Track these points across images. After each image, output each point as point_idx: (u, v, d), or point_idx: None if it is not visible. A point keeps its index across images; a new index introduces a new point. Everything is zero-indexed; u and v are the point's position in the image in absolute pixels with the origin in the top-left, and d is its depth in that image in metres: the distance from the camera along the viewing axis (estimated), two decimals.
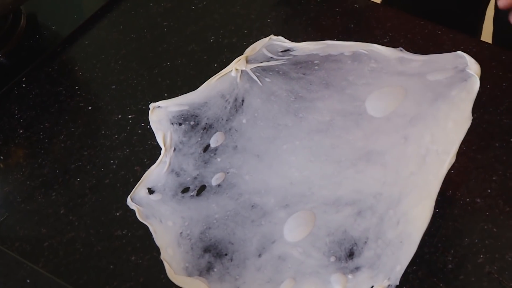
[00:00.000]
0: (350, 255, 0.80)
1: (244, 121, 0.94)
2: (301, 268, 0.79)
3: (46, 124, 0.96)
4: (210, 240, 0.82)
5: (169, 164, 0.90)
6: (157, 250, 0.82)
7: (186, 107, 0.96)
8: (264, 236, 0.82)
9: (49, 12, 1.14)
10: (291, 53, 1.03)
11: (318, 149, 0.90)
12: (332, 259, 0.79)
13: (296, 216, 0.83)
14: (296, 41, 1.04)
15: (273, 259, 0.80)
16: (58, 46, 1.06)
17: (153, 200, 0.86)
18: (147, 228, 0.84)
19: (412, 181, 0.85)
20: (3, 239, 0.84)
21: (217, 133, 0.93)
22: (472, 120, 0.91)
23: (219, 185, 0.87)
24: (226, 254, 0.81)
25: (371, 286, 0.77)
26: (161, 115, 0.95)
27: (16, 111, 0.98)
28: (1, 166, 0.93)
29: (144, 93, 0.99)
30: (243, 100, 0.96)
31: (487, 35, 1.47)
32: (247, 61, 1.01)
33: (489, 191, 0.85)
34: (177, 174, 0.89)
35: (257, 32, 1.05)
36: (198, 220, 0.84)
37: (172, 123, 0.94)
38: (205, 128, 0.94)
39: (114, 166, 0.91)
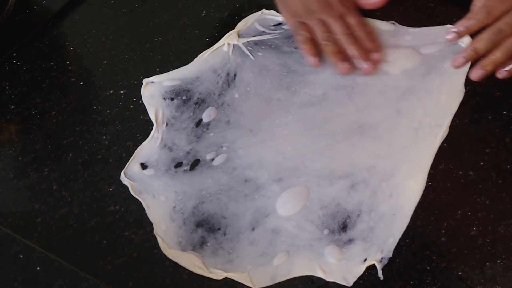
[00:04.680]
0: (344, 227, 0.80)
1: (236, 95, 0.94)
2: (295, 241, 0.79)
3: (38, 100, 0.95)
4: (203, 214, 0.82)
5: (162, 139, 0.89)
6: (150, 225, 0.82)
7: (178, 82, 0.95)
8: (257, 210, 0.82)
9: None
10: (283, 27, 1.02)
11: (311, 123, 0.90)
12: (326, 232, 0.80)
13: (290, 190, 0.84)
14: None
15: (267, 233, 0.80)
16: (48, 21, 1.06)
17: (146, 175, 0.86)
18: (140, 203, 0.84)
19: (405, 154, 0.86)
20: None
21: (210, 108, 0.93)
22: (465, 93, 0.91)
23: (212, 160, 0.87)
24: (219, 229, 0.81)
25: (364, 258, 0.77)
26: (153, 90, 0.95)
27: (7, 87, 0.97)
28: None
29: (136, 68, 0.98)
30: (235, 75, 0.96)
31: None
32: (239, 35, 1.00)
33: (481, 163, 0.85)
34: (170, 149, 0.89)
35: (249, 6, 1.05)
36: (191, 195, 0.84)
37: (164, 98, 0.94)
38: (197, 103, 0.93)
39: (107, 142, 0.90)
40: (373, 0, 0.95)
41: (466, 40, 0.94)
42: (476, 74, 0.85)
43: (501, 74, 0.86)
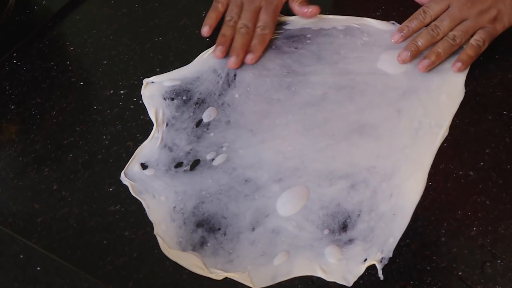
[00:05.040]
0: (344, 227, 0.80)
1: (236, 95, 0.94)
2: (295, 241, 0.79)
3: (38, 100, 0.95)
4: (203, 214, 0.82)
5: (162, 139, 0.89)
6: (150, 225, 0.82)
7: (178, 82, 0.96)
8: (257, 210, 0.82)
9: None
10: (283, 27, 1.02)
11: (311, 123, 0.90)
12: (326, 232, 0.80)
13: (290, 190, 0.84)
14: (288, 15, 1.03)
15: (267, 233, 0.80)
16: (49, 21, 1.06)
17: (146, 175, 0.86)
18: (140, 203, 0.84)
19: (405, 154, 0.86)
20: None
21: (210, 108, 0.93)
22: (465, 93, 0.91)
23: (212, 160, 0.87)
24: (219, 229, 0.81)
25: (364, 258, 0.77)
26: (154, 90, 0.95)
27: (8, 87, 0.97)
28: None
29: (136, 68, 0.98)
30: (235, 75, 0.96)
31: None
32: None
33: (482, 163, 0.85)
34: (170, 149, 0.89)
35: None
36: (191, 195, 0.84)
37: (164, 98, 0.94)
38: (197, 103, 0.93)
39: (107, 142, 0.90)
40: (305, 10, 1.01)
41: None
42: (423, 64, 0.93)
43: (456, 67, 0.93)
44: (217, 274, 0.77)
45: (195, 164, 0.87)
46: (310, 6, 1.00)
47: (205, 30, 0.99)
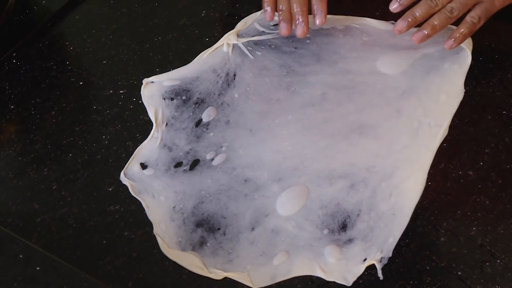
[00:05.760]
0: (343, 227, 0.80)
1: (236, 95, 0.94)
2: (295, 241, 0.79)
3: (38, 100, 0.95)
4: (203, 214, 0.82)
5: (161, 139, 0.89)
6: (150, 225, 0.82)
7: (178, 82, 0.96)
8: (257, 210, 0.82)
9: None
10: None
11: (310, 123, 0.90)
12: (325, 231, 0.80)
13: (289, 190, 0.84)
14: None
15: (266, 233, 0.80)
16: (48, 21, 1.06)
17: (145, 175, 0.86)
18: (140, 203, 0.84)
19: (405, 154, 0.86)
20: None
21: (209, 107, 0.93)
22: (465, 92, 0.91)
23: (212, 160, 0.87)
24: (219, 229, 0.81)
25: (364, 258, 0.77)
26: (153, 90, 0.95)
27: (7, 87, 0.97)
28: None
29: (136, 68, 0.98)
30: (235, 75, 0.96)
31: None
32: (239, 35, 1.00)
33: (481, 163, 0.85)
34: (170, 149, 0.89)
35: (248, 6, 1.05)
36: (191, 195, 0.84)
37: (164, 98, 0.94)
38: (197, 103, 0.93)
39: (106, 142, 0.90)
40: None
41: (466, 41, 0.94)
42: (417, 36, 0.92)
43: (447, 44, 0.92)
44: (217, 274, 0.77)
45: (194, 164, 0.87)
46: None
47: (269, 15, 0.96)
